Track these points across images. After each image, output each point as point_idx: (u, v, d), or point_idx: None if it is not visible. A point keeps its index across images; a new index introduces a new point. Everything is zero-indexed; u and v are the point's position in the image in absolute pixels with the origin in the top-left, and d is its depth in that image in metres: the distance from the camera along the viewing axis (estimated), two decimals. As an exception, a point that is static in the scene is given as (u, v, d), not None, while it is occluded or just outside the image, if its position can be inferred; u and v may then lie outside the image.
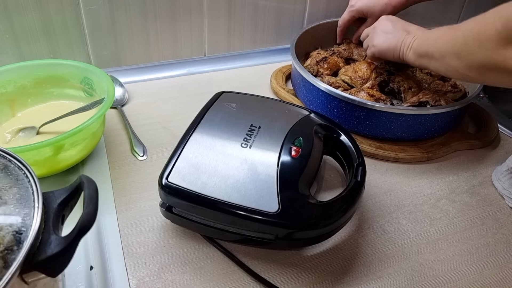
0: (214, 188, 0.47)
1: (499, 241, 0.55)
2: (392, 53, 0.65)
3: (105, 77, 0.63)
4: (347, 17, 0.81)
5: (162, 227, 0.54)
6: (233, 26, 0.87)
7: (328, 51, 0.82)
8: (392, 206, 0.59)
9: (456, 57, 0.51)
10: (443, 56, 0.54)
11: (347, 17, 0.81)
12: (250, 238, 0.48)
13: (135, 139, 0.67)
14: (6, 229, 0.32)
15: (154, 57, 0.85)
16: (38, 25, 0.73)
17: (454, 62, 0.52)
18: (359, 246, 0.53)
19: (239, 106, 0.58)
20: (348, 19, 0.81)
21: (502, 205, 0.61)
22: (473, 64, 0.49)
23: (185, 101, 0.78)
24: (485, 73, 0.49)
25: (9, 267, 0.29)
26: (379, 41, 0.67)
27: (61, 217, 0.36)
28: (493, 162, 0.68)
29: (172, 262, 0.50)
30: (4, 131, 0.63)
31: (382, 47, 0.67)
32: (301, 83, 0.74)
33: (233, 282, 0.49)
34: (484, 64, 0.48)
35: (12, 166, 0.37)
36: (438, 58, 0.55)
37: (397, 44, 0.63)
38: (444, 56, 0.54)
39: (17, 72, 0.65)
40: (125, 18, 0.78)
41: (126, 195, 0.58)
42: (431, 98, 0.69)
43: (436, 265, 0.52)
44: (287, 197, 0.46)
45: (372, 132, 0.68)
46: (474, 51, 0.48)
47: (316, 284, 0.49)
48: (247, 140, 0.52)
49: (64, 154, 0.56)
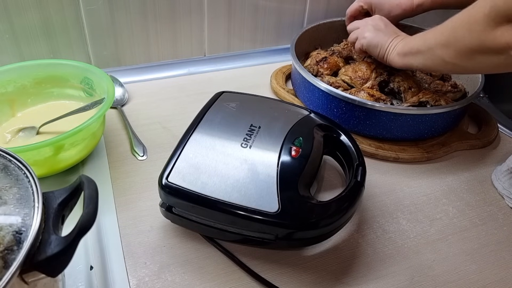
0: (214, 188, 0.47)
1: (499, 241, 0.55)
2: (379, 50, 0.66)
3: (105, 77, 0.63)
4: (356, 6, 0.80)
5: (162, 227, 0.54)
6: (233, 26, 0.87)
7: (328, 51, 0.82)
8: (392, 206, 0.59)
9: (444, 47, 0.52)
10: (430, 49, 0.55)
11: (356, 6, 0.80)
12: (250, 238, 0.48)
13: (135, 139, 0.67)
14: (6, 229, 0.32)
15: (154, 57, 0.85)
16: (38, 25, 0.73)
17: (441, 52, 0.53)
18: (359, 246, 0.53)
19: (239, 106, 0.58)
20: (356, 8, 0.80)
21: (502, 205, 0.61)
22: (462, 50, 0.50)
23: (185, 101, 0.78)
24: (474, 57, 0.49)
25: (9, 267, 0.29)
26: (370, 35, 0.68)
27: (61, 217, 0.36)
28: (493, 162, 0.68)
29: (172, 262, 0.50)
30: (4, 131, 0.63)
31: (371, 41, 0.67)
32: (301, 83, 0.74)
33: (233, 282, 0.49)
34: (473, 48, 0.49)
35: (12, 166, 0.37)
36: (425, 51, 0.56)
37: (386, 43, 0.65)
38: (431, 48, 0.55)
39: (17, 72, 0.65)
40: (125, 18, 0.78)
41: (126, 195, 0.58)
42: (431, 98, 0.69)
43: (436, 265, 0.52)
44: (287, 197, 0.46)
45: (372, 132, 0.68)
46: (463, 37, 0.49)
47: (316, 284, 0.49)
48: (247, 140, 0.52)
49: (64, 154, 0.56)
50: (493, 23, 0.45)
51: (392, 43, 0.64)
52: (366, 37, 0.68)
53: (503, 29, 0.45)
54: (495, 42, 0.46)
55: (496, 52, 0.47)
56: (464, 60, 0.51)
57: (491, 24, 0.46)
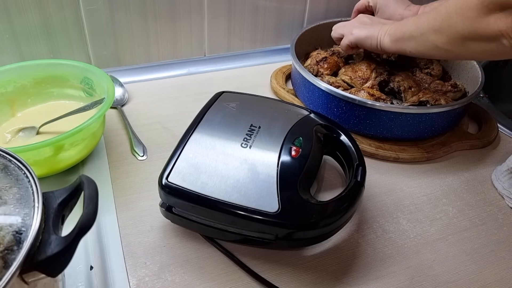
0: (214, 188, 0.47)
1: (499, 241, 0.55)
2: (370, 40, 0.66)
3: (105, 77, 0.63)
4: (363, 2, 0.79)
5: (162, 227, 0.54)
6: (233, 26, 0.87)
7: (328, 51, 0.82)
8: (392, 206, 0.59)
9: (436, 32, 0.52)
10: (422, 34, 0.55)
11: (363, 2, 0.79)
12: (250, 238, 0.48)
13: (135, 139, 0.67)
14: (6, 229, 0.32)
15: (154, 57, 0.85)
16: (38, 25, 0.73)
17: (433, 37, 0.53)
18: (359, 246, 0.53)
19: (239, 106, 0.58)
20: (363, 3, 0.79)
21: (502, 205, 0.61)
22: (455, 36, 0.50)
23: (185, 101, 0.78)
24: (467, 44, 0.50)
25: (9, 267, 0.29)
26: (357, 31, 0.68)
27: (61, 217, 0.36)
28: (493, 162, 0.68)
29: (172, 262, 0.50)
30: (4, 131, 0.63)
31: (360, 35, 0.67)
32: (301, 83, 0.74)
33: (233, 282, 0.49)
34: (465, 35, 0.49)
35: (12, 166, 0.37)
36: (417, 36, 0.56)
37: (375, 32, 0.65)
38: (424, 34, 0.55)
39: (17, 72, 0.65)
40: (125, 18, 0.78)
41: (126, 195, 0.58)
42: (431, 97, 0.69)
43: (436, 265, 0.52)
44: (287, 197, 0.46)
45: (372, 131, 0.68)
46: (456, 23, 0.49)
47: (316, 284, 0.49)
48: (247, 140, 0.52)
49: (64, 154, 0.56)
50: (487, 10, 0.45)
51: (381, 30, 0.64)
52: (353, 33, 0.68)
53: (496, 16, 0.45)
54: (487, 29, 0.46)
55: (489, 40, 0.47)
56: (457, 46, 0.51)
57: (485, 11, 0.46)
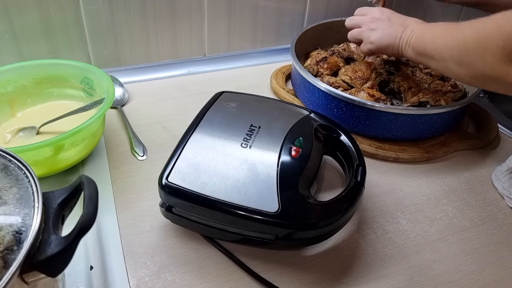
0: (214, 188, 0.47)
1: (499, 241, 0.55)
2: (391, 49, 0.64)
3: (105, 77, 0.63)
4: None
5: (162, 227, 0.54)
6: (233, 26, 0.87)
7: (328, 51, 0.82)
8: (392, 206, 0.59)
9: (458, 64, 0.51)
10: (444, 60, 0.54)
11: None
12: (250, 238, 0.48)
13: (135, 139, 0.67)
14: (6, 229, 0.32)
15: (154, 57, 0.85)
16: (38, 25, 0.73)
17: (455, 68, 0.52)
18: (359, 246, 0.53)
19: (239, 106, 0.58)
20: None
21: (502, 205, 0.61)
22: (476, 74, 0.49)
23: (185, 101, 0.78)
24: (488, 82, 0.49)
25: (9, 267, 0.29)
26: (376, 38, 0.65)
27: (61, 217, 0.36)
28: (493, 162, 0.68)
29: (172, 262, 0.50)
30: (4, 131, 0.63)
31: (380, 44, 0.65)
32: (301, 83, 0.74)
33: (233, 282, 0.49)
34: (486, 75, 0.48)
35: (12, 166, 0.37)
36: (439, 60, 0.55)
37: (396, 40, 0.62)
38: (445, 60, 0.53)
39: (17, 72, 0.65)
40: (125, 18, 0.78)
41: (126, 195, 0.58)
42: (431, 98, 0.69)
43: (436, 265, 0.52)
44: (287, 197, 0.46)
45: (372, 132, 0.68)
46: (476, 62, 0.48)
47: (316, 284, 0.49)
48: (247, 140, 0.52)
49: (64, 154, 0.56)
50: (508, 59, 0.44)
51: (402, 40, 0.61)
52: (373, 42, 0.66)
53: None
54: (509, 77, 0.45)
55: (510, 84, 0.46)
56: (477, 82, 0.51)
57: (506, 59, 0.44)
